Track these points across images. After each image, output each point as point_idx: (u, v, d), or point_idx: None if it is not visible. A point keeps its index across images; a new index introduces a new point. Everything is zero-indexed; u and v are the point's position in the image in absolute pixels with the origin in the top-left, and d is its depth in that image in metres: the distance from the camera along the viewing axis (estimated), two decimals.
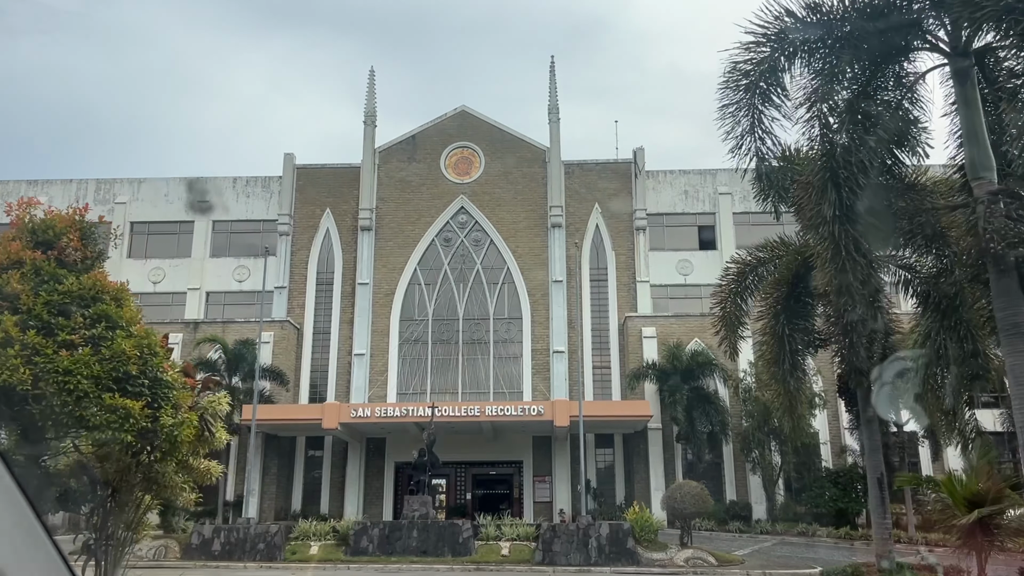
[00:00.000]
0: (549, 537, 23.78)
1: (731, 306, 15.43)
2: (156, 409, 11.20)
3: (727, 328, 16.01)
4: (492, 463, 38.24)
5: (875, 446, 16.18)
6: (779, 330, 14.43)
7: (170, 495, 12.72)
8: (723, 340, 16.35)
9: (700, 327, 36.71)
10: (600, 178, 40.96)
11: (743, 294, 15.62)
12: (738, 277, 15.42)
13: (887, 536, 15.71)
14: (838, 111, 11.77)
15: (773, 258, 15.13)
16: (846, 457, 34.29)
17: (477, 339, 39.11)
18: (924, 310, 13.70)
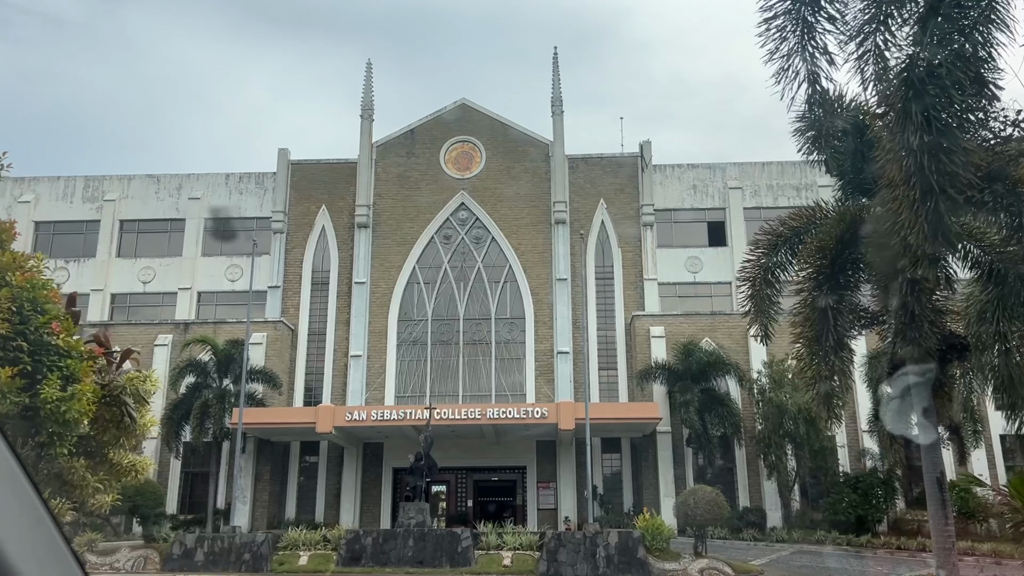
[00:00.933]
0: (554, 546, 22.24)
1: (761, 283, 13.85)
2: (37, 380, 9.32)
3: (758, 309, 14.42)
4: (494, 469, 36.70)
5: (933, 441, 14.58)
6: (822, 303, 12.73)
7: (82, 495, 10.48)
8: (753, 323, 14.76)
9: (711, 326, 35.26)
10: (605, 173, 39.52)
11: (774, 270, 14.01)
12: (769, 250, 13.82)
13: (950, 546, 14.16)
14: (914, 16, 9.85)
15: (809, 225, 13.55)
16: (865, 461, 32.67)
17: (478, 340, 37.63)
18: (984, 283, 12.16)
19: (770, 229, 14.01)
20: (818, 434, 30.90)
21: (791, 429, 31.26)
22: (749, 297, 14.15)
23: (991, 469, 33.01)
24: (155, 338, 35.83)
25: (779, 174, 39.63)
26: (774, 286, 14.03)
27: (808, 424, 30.67)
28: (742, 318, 36.13)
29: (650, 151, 39.31)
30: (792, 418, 30.82)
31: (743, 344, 34.86)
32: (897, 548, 27.33)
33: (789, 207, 39.88)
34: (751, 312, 14.38)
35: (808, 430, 30.72)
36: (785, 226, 13.82)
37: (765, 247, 13.68)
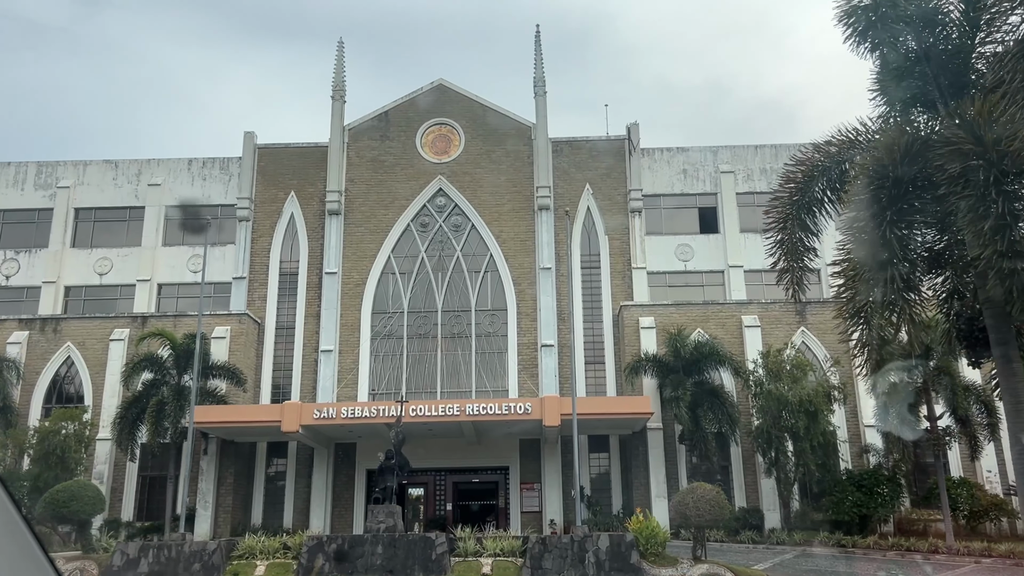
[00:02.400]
0: (538, 552, 20.08)
1: (794, 225, 11.69)
2: None
3: (788, 255, 12.26)
4: (475, 470, 34.51)
5: None
6: (885, 234, 10.29)
7: None
8: (783, 274, 12.59)
9: (703, 316, 33.31)
10: (591, 157, 37.48)
11: (809, 208, 11.81)
12: (803, 185, 11.62)
13: None
14: None
15: (852, 149, 11.36)
16: (868, 458, 30.73)
17: (457, 333, 35.45)
18: None
19: (804, 158, 11.77)
20: (819, 428, 28.93)
21: (790, 423, 29.24)
22: (778, 243, 11.98)
23: (1000, 466, 31.14)
24: (111, 332, 33.45)
25: (773, 157, 37.74)
26: (808, 229, 11.85)
27: (809, 418, 28.70)
28: (738, 306, 34.46)
29: (638, 134, 37.34)
30: (792, 411, 28.81)
31: (737, 335, 32.94)
32: (907, 550, 25.36)
33: None
34: (780, 260, 12.20)
35: (809, 424, 28.73)
36: (822, 153, 11.58)
37: (798, 181, 11.45)
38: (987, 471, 30.77)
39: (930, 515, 29.42)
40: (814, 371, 30.66)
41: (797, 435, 29.15)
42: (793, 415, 28.94)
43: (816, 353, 32.48)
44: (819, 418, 28.91)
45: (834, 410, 30.05)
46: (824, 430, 29.14)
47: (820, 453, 29.43)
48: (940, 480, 26.79)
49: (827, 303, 33.77)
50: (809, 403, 28.53)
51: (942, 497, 26.48)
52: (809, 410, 28.61)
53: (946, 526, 26.04)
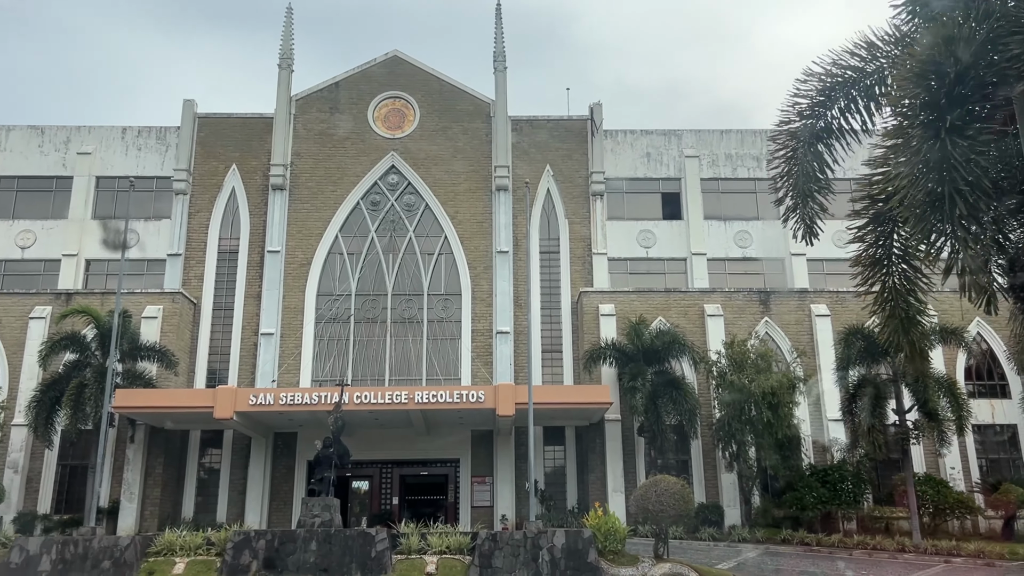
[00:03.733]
0: (488, 549, 18.43)
1: (805, 152, 9.94)
2: None
3: (797, 192, 10.45)
4: (423, 462, 32.72)
5: None
6: (944, 146, 7.92)
7: None
8: (790, 213, 10.84)
9: (665, 304, 31.96)
10: (552, 137, 35.87)
11: (826, 135, 10.00)
12: (819, 105, 9.79)
13: None
14: None
15: (882, 59, 9.60)
16: (832, 452, 29.69)
17: (408, 318, 33.59)
18: None
19: (823, 71, 9.91)
20: (783, 422, 27.74)
21: (753, 416, 28.01)
22: (783, 176, 10.27)
23: (964, 462, 30.38)
24: (31, 310, 30.94)
25: (739, 143, 36.59)
26: (822, 159, 10.15)
27: (772, 410, 27.48)
28: (700, 294, 33.17)
29: (601, 114, 35.86)
30: (756, 404, 27.57)
31: (699, 324, 31.67)
32: (873, 548, 24.29)
33: (749, 179, 37.13)
34: (786, 197, 10.49)
35: (772, 417, 27.51)
36: (842, 67, 9.70)
37: (812, 99, 9.65)
38: (950, 468, 29.93)
39: (893, 512, 28.47)
40: (778, 362, 29.52)
41: (760, 429, 27.93)
42: (756, 407, 27.72)
43: (780, 345, 31.36)
44: (783, 411, 27.75)
45: (799, 403, 28.91)
46: (788, 423, 27.98)
47: (783, 448, 28.27)
48: (908, 477, 25.79)
49: (791, 294, 32.77)
50: (773, 395, 27.31)
51: (909, 494, 25.48)
52: (773, 403, 27.40)
53: (913, 524, 25.02)
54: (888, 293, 9.78)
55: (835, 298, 32.33)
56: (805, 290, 32.91)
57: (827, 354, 31.15)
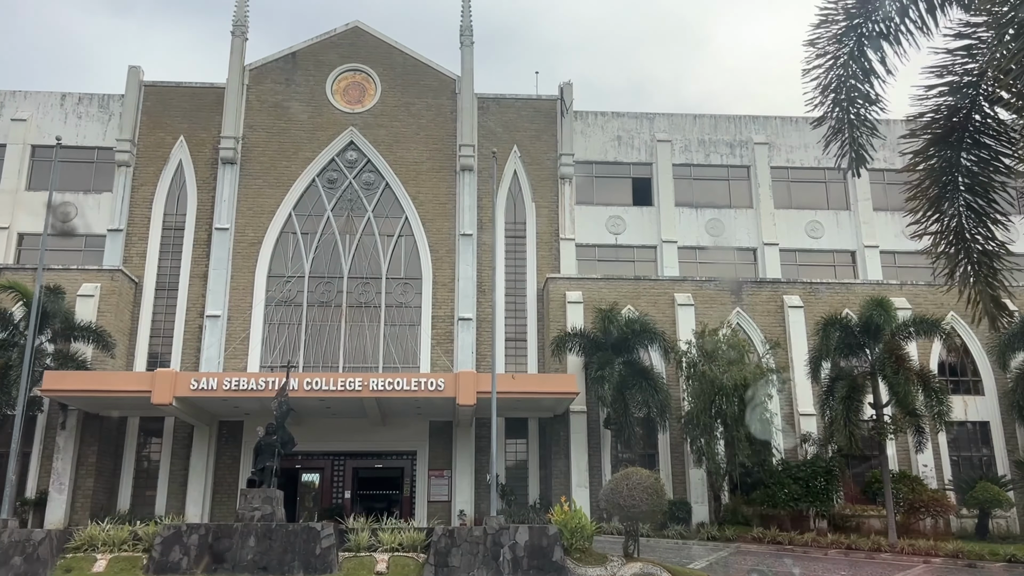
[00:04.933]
0: (445, 546, 16.89)
1: (854, 50, 8.04)
2: None
3: (838, 104, 8.52)
4: (378, 454, 31.04)
5: None
6: None
7: None
8: (831, 138, 8.94)
9: (634, 292, 30.67)
10: (520, 116, 34.37)
11: (872, 34, 8.13)
12: None
13: None
14: None
15: None
16: (805, 448, 28.67)
17: (365, 302, 31.86)
18: None
19: None
20: (755, 415, 26.61)
21: (724, 409, 26.84)
22: (822, 89, 8.47)
23: (936, 459, 29.55)
24: None
25: (712, 128, 35.44)
26: (870, 70, 8.30)
27: (743, 403, 26.35)
28: (671, 283, 31.94)
29: (571, 94, 34.42)
30: (727, 396, 26.39)
31: (669, 313, 30.43)
32: (848, 548, 23.23)
33: (722, 165, 36.02)
34: (827, 110, 8.73)
35: (743, 410, 26.37)
36: None
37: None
38: (923, 465, 29.09)
39: (864, 510, 27.52)
40: (751, 353, 28.41)
41: (731, 422, 26.75)
42: (728, 400, 26.55)
43: (752, 336, 30.24)
44: (756, 404, 26.62)
45: (772, 396, 27.81)
46: (761, 417, 26.86)
47: (755, 442, 27.13)
48: (884, 474, 24.80)
49: (763, 284, 31.71)
50: (746, 387, 26.17)
51: (886, 492, 24.48)
52: (745, 395, 26.26)
53: (889, 523, 24.00)
54: (951, 234, 8.31)
55: (808, 289, 31.34)
56: (778, 280, 31.87)
57: (800, 347, 30.18)
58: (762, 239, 33.96)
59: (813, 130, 10.15)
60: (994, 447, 30.32)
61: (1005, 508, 26.54)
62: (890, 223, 34.73)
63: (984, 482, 26.58)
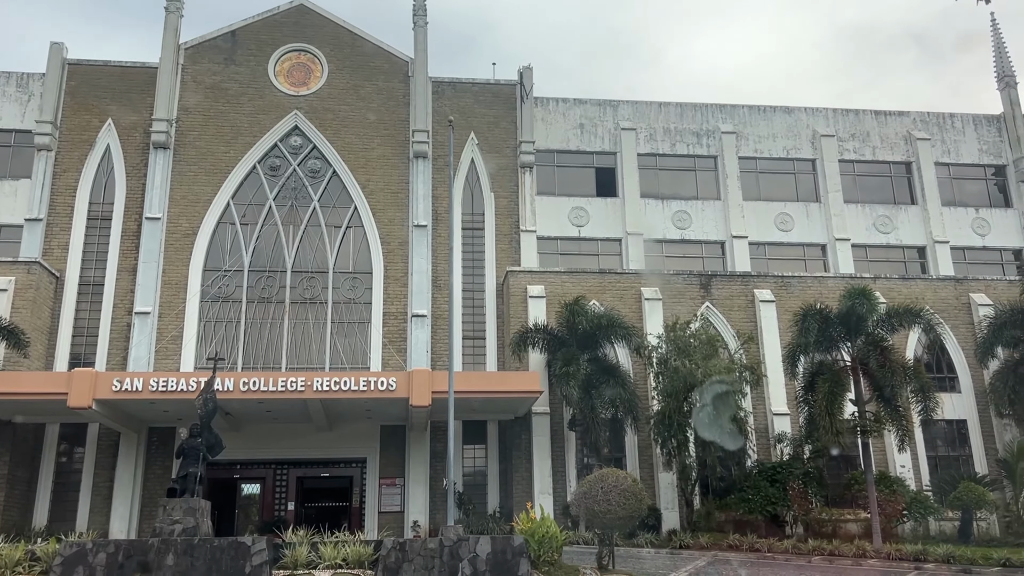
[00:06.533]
0: (395, 560, 14.76)
1: None
2: None
3: None
4: (325, 462, 28.73)
5: None
6: None
7: None
8: None
9: (599, 286, 28.95)
10: (477, 102, 32.48)
11: None
12: None
13: None
14: None
15: None
16: (781, 449, 27.12)
17: (310, 298, 29.58)
18: None
19: None
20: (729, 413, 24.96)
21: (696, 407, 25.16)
22: None
23: (913, 459, 28.24)
24: None
25: (678, 117, 33.94)
26: None
27: (717, 400, 24.68)
28: (637, 276, 30.21)
29: (531, 79, 32.66)
30: (700, 392, 24.73)
31: (636, 308, 28.73)
32: (831, 554, 21.64)
33: (688, 155, 34.53)
34: None
35: (718, 407, 24.69)
36: None
37: None
38: (900, 466, 27.75)
39: (841, 514, 26.00)
40: (725, 347, 26.81)
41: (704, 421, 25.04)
42: (701, 397, 24.87)
43: (722, 331, 28.63)
44: (730, 401, 24.97)
45: (746, 393, 26.25)
46: (735, 415, 25.23)
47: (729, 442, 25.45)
48: (868, 475, 23.29)
49: (734, 277, 30.22)
50: (720, 383, 24.49)
51: (870, 494, 22.97)
52: (719, 392, 24.59)
53: (874, 527, 22.48)
54: None
55: (780, 283, 29.92)
56: (748, 274, 30.38)
57: (772, 343, 28.72)
58: (730, 232, 32.50)
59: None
60: (972, 446, 29.15)
61: (989, 510, 25.24)
62: (861, 216, 33.61)
63: (967, 482, 25.25)
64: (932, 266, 33.01)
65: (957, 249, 33.46)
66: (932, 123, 35.19)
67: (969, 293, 30.36)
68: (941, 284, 30.82)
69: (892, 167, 34.67)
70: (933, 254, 33.22)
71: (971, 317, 29.97)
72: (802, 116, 34.67)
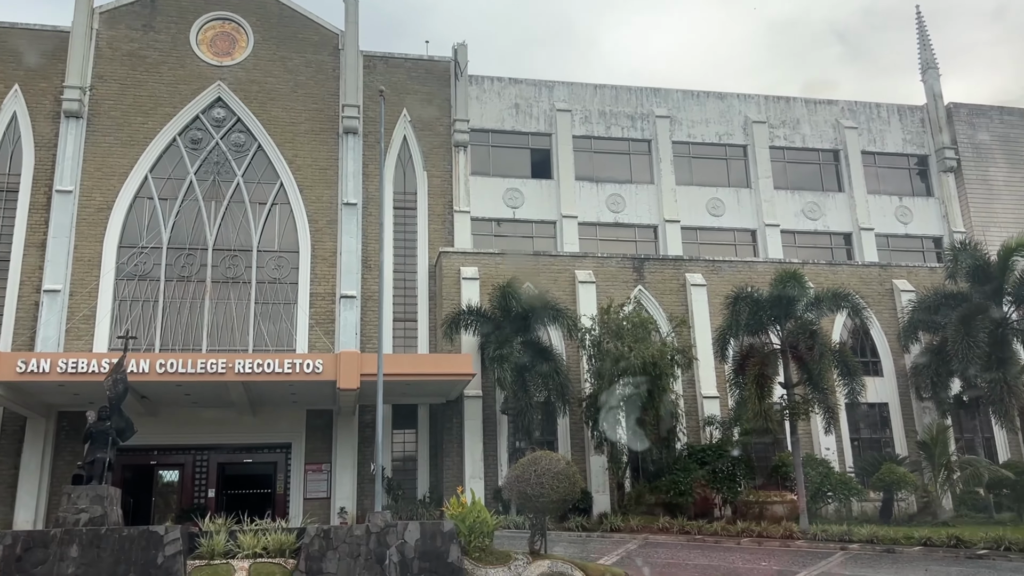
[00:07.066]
0: (319, 549, 14.12)
1: None
2: None
3: None
4: (248, 448, 27.74)
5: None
6: None
7: None
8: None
9: (534, 269, 28.59)
10: (410, 78, 31.63)
11: None
12: None
13: None
14: None
15: None
16: (710, 432, 27.26)
17: (233, 277, 28.41)
18: None
19: None
20: (662, 397, 24.97)
21: (629, 390, 25.06)
22: None
23: (838, 442, 28.78)
24: None
25: (613, 100, 33.73)
26: None
27: (651, 384, 24.63)
28: (571, 259, 29.95)
29: (465, 56, 31.98)
30: (633, 375, 24.61)
31: (570, 291, 28.49)
32: (760, 536, 21.82)
33: (623, 138, 34.37)
34: None
35: (650, 390, 24.65)
36: None
37: None
38: (826, 448, 28.25)
39: (768, 496, 26.35)
40: (657, 331, 26.77)
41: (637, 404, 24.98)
42: (634, 380, 24.76)
43: (654, 315, 28.60)
44: (662, 385, 24.97)
45: (677, 376, 26.29)
46: (667, 399, 25.24)
47: (661, 426, 25.48)
48: (796, 457, 23.58)
49: (666, 261, 30.24)
50: (654, 366, 24.45)
51: (798, 476, 23.26)
52: (653, 374, 24.54)
53: (801, 508, 22.79)
54: None
55: (711, 267, 30.07)
56: (681, 258, 30.42)
57: (703, 326, 28.85)
58: (663, 216, 32.50)
59: None
60: (893, 428, 29.89)
61: (909, 490, 25.88)
62: (790, 202, 34.05)
63: (889, 464, 25.85)
64: (858, 252, 33.67)
65: (881, 236, 34.21)
66: (860, 112, 35.82)
67: (892, 279, 31.07)
68: (866, 270, 31.45)
69: (821, 154, 35.20)
70: (859, 241, 33.89)
71: (894, 303, 30.66)
72: (734, 102, 34.86)
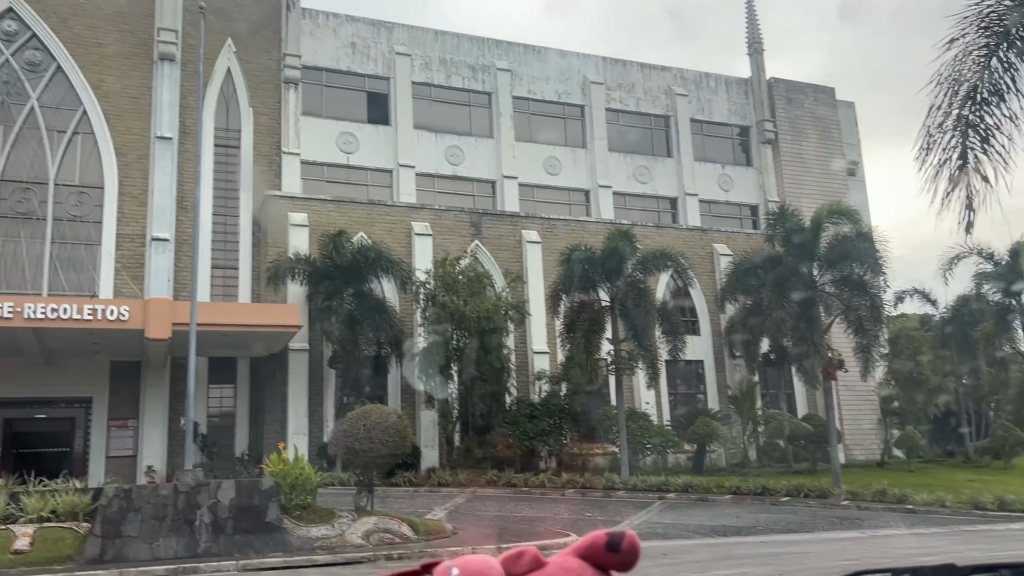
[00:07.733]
0: (119, 511, 12.76)
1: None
2: None
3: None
4: (41, 402, 25.06)
5: None
6: None
7: None
8: (953, 186, 5.98)
9: (368, 218, 27.53)
10: (236, 5, 29.18)
11: None
12: None
13: None
14: None
15: None
16: (540, 386, 27.53)
17: (25, 212, 25.35)
18: None
19: None
20: (495, 352, 24.89)
21: (463, 345, 24.79)
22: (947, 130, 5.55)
23: (657, 396, 29.97)
24: None
25: (455, 48, 32.83)
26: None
27: (485, 338, 24.47)
28: (408, 210, 29.11)
29: None
30: (468, 329, 24.32)
31: (406, 243, 27.67)
32: (583, 487, 22.38)
33: (464, 89, 33.62)
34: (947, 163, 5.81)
35: (485, 344, 24.48)
36: None
37: None
38: (646, 402, 29.34)
39: (590, 448, 27.11)
40: (492, 286, 26.56)
41: (470, 359, 24.74)
42: (468, 334, 24.49)
43: (491, 269, 28.36)
44: (496, 339, 24.87)
45: (510, 331, 26.26)
46: (500, 354, 25.18)
47: (492, 381, 25.42)
48: (620, 411, 24.28)
49: (503, 217, 30.04)
50: (488, 320, 24.26)
51: (620, 429, 23.98)
52: (487, 328, 24.36)
53: (623, 460, 23.51)
54: None
55: (547, 225, 30.19)
56: (517, 214, 30.33)
57: (536, 283, 28.96)
58: (502, 172, 32.22)
59: None
60: (707, 384, 31.50)
61: (721, 443, 27.40)
62: (623, 165, 34.72)
63: (703, 418, 27.23)
64: (682, 217, 34.96)
65: (704, 202, 35.68)
66: (690, 80, 36.98)
67: (712, 243, 32.54)
68: (689, 234, 32.73)
69: (653, 119, 36.08)
70: (684, 206, 35.17)
71: (713, 266, 32.14)
72: (575, 61, 34.94)
